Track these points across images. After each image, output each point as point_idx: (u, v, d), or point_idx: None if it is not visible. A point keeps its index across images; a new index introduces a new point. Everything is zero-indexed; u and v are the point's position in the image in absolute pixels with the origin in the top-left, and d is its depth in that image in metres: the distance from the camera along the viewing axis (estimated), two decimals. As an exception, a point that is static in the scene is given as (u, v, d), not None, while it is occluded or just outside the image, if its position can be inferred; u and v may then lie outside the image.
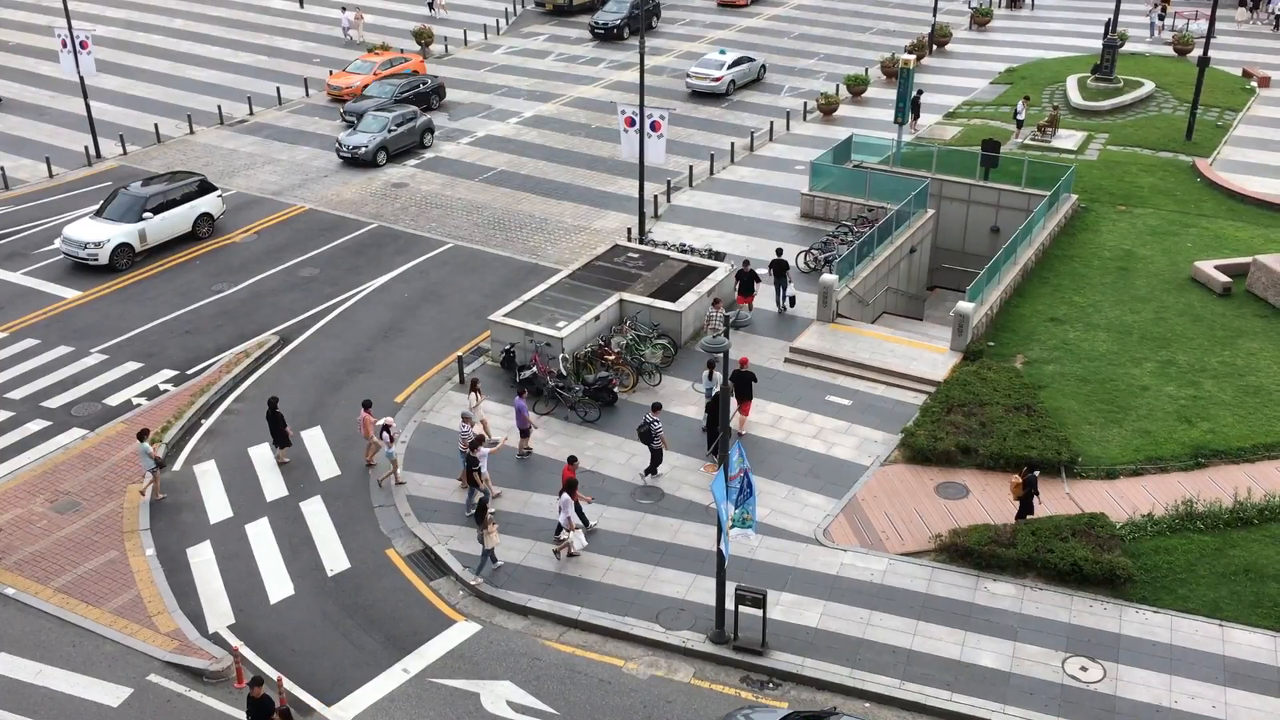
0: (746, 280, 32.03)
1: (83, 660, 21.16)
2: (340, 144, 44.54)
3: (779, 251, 33.43)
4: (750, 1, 68.63)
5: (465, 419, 25.53)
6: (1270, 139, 46.30)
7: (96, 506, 25.35)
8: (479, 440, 24.82)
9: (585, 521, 23.93)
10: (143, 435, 25.31)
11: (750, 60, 54.37)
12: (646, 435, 25.64)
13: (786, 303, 33.08)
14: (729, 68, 52.83)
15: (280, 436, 26.64)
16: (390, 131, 44.76)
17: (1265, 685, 20.21)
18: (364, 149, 44.04)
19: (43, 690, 20.52)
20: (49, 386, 29.92)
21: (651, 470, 26.02)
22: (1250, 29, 63.08)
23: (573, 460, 23.99)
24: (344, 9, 63.62)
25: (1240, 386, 28.64)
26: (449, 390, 29.57)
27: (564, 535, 23.36)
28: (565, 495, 23.08)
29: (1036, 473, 23.74)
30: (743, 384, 27.27)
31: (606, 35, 61.78)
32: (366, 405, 26.40)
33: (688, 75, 53.40)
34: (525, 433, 26.83)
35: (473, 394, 26.67)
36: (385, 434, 25.81)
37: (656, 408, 25.74)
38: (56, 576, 23.28)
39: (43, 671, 20.93)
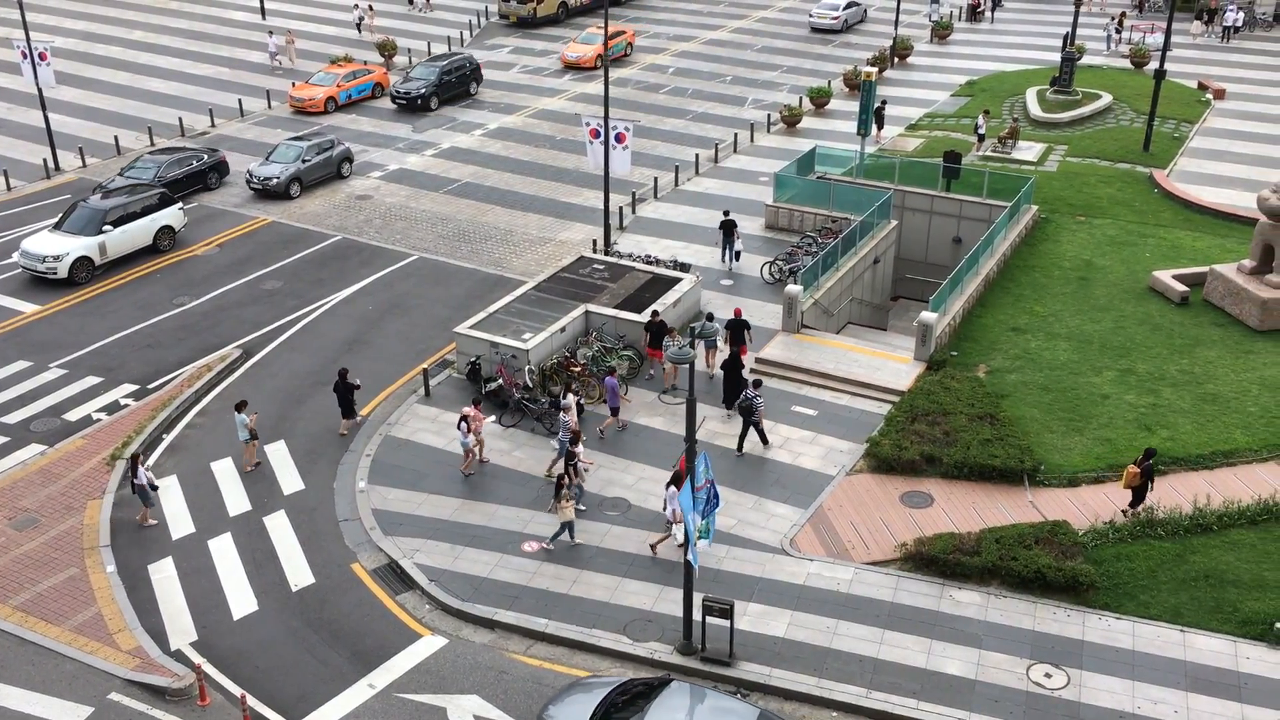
0: (657, 332, 29.78)
1: (42, 679, 20.86)
2: (251, 174, 42.27)
3: (726, 212, 36.75)
4: (596, 66, 57.77)
5: (565, 409, 26.23)
6: (1226, 150, 47.05)
7: (56, 523, 25.01)
8: (577, 437, 25.38)
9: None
10: (240, 407, 26.45)
11: (858, 4, 67.79)
12: (748, 410, 26.66)
13: (733, 259, 36.07)
14: (843, 9, 66.50)
15: (348, 407, 27.95)
16: (304, 162, 42.50)
17: (1226, 690, 20.45)
18: (275, 180, 41.71)
19: (1, 710, 20.19)
20: (7, 402, 29.52)
21: (762, 440, 27.23)
22: (1205, 42, 64.11)
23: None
24: (271, 32, 59.83)
25: (1198, 394, 29.03)
26: (414, 403, 29.44)
27: (674, 529, 23.82)
28: (672, 488, 23.40)
29: (1151, 461, 24.09)
30: (738, 331, 29.57)
31: (409, 106, 51.60)
32: (476, 403, 26.83)
33: (810, 15, 67.42)
34: (615, 411, 27.89)
35: (569, 395, 26.86)
36: (464, 424, 26.14)
37: (758, 384, 27.21)
38: (15, 594, 22.93)
39: (1, 691, 20.61)
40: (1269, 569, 22.96)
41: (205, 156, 43.00)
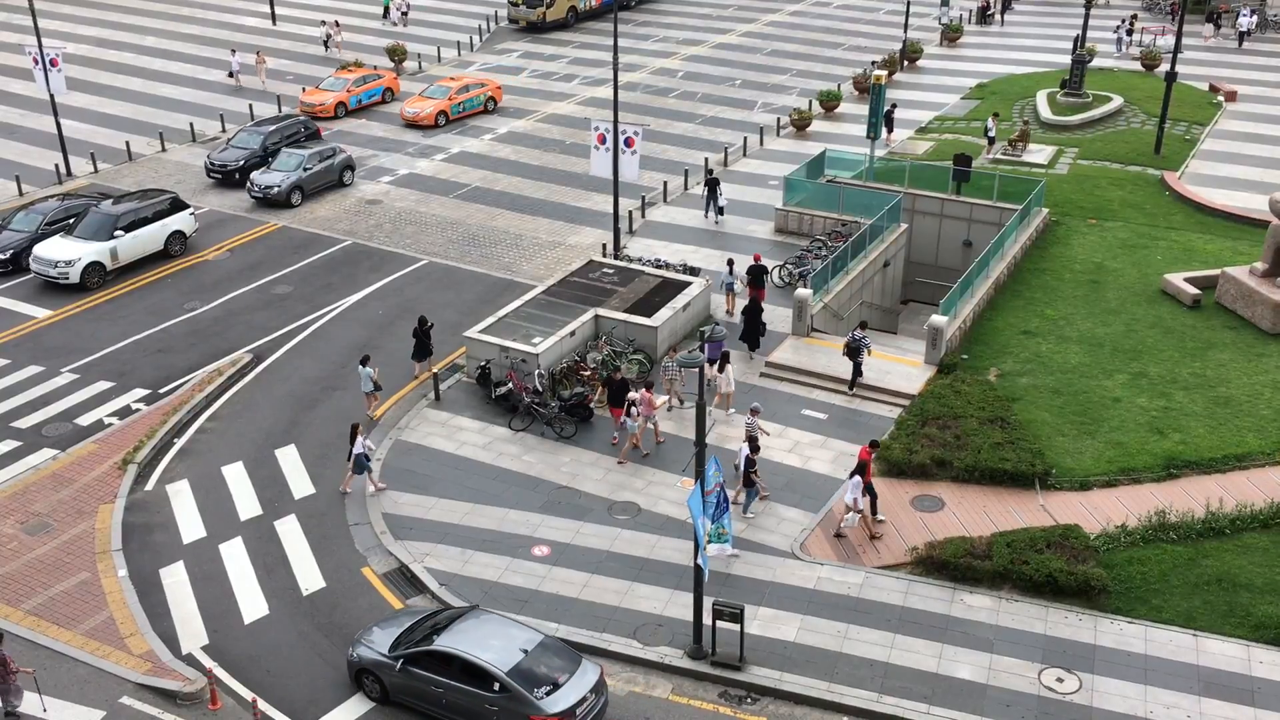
0: (618, 390, 27.74)
1: (54, 683, 20.90)
2: (252, 183, 41.94)
3: (710, 170, 40.71)
4: (437, 125, 50.72)
5: (753, 411, 26.40)
6: (1237, 153, 46.88)
7: (68, 527, 25.10)
8: (756, 444, 25.59)
9: (875, 509, 24.71)
10: (365, 361, 28.36)
11: None
12: (855, 350, 29.05)
13: (715, 214, 39.59)
14: None
15: (423, 349, 29.96)
16: (305, 170, 42.20)
17: (1239, 694, 20.36)
18: (276, 189, 41.41)
19: (14, 715, 20.26)
20: (19, 406, 29.64)
21: (854, 384, 29.37)
22: (1217, 45, 63.91)
23: (874, 444, 25.07)
24: (234, 50, 57.82)
25: (1211, 398, 28.91)
26: (425, 408, 29.48)
27: (848, 515, 24.30)
28: (856, 477, 23.96)
29: None
30: (757, 276, 32.41)
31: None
32: (649, 386, 27.25)
33: None
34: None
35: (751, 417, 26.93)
36: (633, 409, 26.53)
37: (863, 325, 29.76)
38: (27, 599, 23.01)
39: (13, 695, 20.68)
40: (1282, 573, 22.87)
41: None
